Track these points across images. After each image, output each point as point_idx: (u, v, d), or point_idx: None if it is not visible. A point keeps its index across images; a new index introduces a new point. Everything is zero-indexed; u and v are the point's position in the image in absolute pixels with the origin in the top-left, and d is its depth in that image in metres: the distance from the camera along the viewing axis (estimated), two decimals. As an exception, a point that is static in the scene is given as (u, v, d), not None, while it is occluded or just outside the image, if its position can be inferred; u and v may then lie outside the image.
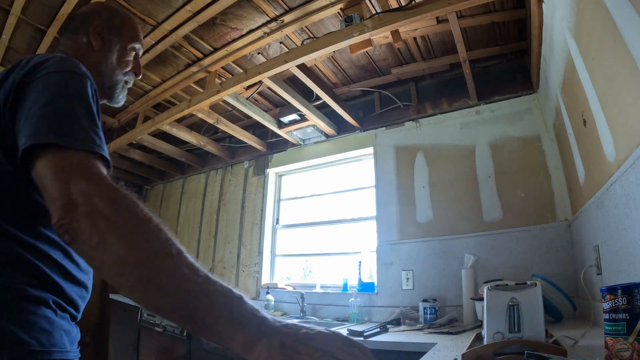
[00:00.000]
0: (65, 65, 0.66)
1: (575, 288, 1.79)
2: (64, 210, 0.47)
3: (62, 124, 0.56)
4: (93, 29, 0.87)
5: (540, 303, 0.91)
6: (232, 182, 3.58)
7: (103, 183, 0.51)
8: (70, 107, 0.59)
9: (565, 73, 1.53)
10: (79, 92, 0.62)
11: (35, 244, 0.62)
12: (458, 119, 2.46)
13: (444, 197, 2.36)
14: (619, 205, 1.10)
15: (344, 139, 2.95)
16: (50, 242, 0.64)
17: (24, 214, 0.62)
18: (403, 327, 1.93)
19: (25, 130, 0.55)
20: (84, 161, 0.53)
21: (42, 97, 0.59)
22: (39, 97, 0.59)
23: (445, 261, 2.22)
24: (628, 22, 0.89)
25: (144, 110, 3.17)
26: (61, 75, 0.63)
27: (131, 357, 2.75)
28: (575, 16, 1.26)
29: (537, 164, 2.12)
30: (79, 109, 0.60)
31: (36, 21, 2.22)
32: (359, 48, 1.97)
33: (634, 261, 1.01)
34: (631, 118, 0.96)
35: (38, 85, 0.61)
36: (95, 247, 0.46)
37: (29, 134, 0.54)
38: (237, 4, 2.04)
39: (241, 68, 2.61)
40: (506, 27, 2.20)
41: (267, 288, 2.78)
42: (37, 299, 0.59)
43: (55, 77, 0.63)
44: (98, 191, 0.49)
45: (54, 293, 0.63)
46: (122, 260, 0.45)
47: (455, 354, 1.08)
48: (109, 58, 0.90)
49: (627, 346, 0.67)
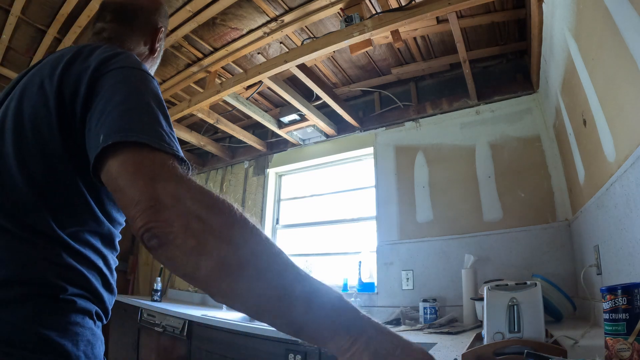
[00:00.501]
0: (137, 63, 0.62)
1: (575, 288, 1.79)
2: (151, 213, 0.42)
3: (144, 123, 0.51)
4: (155, 34, 0.83)
5: (540, 303, 0.91)
6: (232, 182, 3.58)
7: (193, 185, 0.47)
8: (149, 106, 0.55)
9: (565, 73, 1.53)
10: (154, 92, 0.58)
11: (82, 252, 0.59)
12: (458, 119, 2.46)
13: (444, 197, 2.36)
14: (619, 205, 1.10)
15: (344, 139, 2.95)
16: (94, 250, 0.62)
17: (73, 219, 0.59)
18: (403, 327, 1.93)
19: (103, 129, 0.51)
20: (167, 162, 0.48)
21: (118, 93, 0.55)
22: (114, 92, 0.55)
23: (445, 261, 2.22)
24: (628, 22, 0.88)
25: (144, 110, 3.17)
26: (136, 73, 0.59)
27: (131, 357, 2.75)
28: (575, 16, 1.26)
29: (537, 164, 2.12)
30: (157, 110, 0.55)
31: (36, 21, 2.22)
32: (359, 48, 1.97)
33: (634, 261, 1.01)
34: (631, 118, 0.96)
35: (111, 79, 0.57)
36: (190, 252, 0.42)
37: (107, 132, 0.49)
38: (237, 4, 2.04)
39: (241, 68, 2.61)
40: (506, 27, 2.20)
41: (267, 288, 2.77)
42: (84, 311, 0.58)
43: (129, 73, 0.58)
44: (189, 193, 0.45)
45: (96, 303, 0.61)
46: (223, 264, 0.42)
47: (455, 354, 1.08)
48: (155, 65, 0.88)
49: (627, 346, 0.67)
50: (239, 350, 1.98)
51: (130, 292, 4.07)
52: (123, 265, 4.19)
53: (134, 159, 0.48)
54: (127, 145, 0.48)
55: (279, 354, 1.79)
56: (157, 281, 3.09)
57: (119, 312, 3.13)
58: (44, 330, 0.51)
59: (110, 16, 0.79)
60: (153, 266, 4.02)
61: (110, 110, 0.52)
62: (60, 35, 2.30)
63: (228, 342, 2.05)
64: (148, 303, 2.80)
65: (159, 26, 0.85)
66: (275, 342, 1.82)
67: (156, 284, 3.07)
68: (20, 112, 0.60)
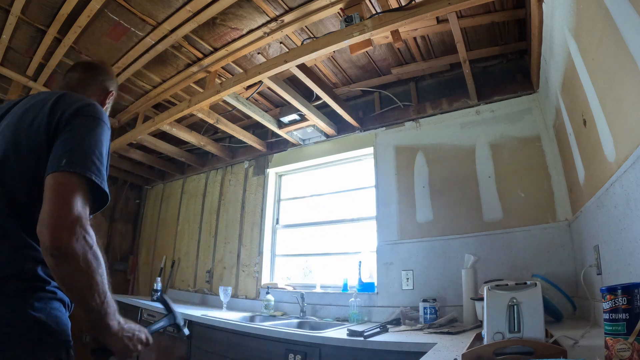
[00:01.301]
0: (101, 114, 0.89)
1: (575, 288, 1.79)
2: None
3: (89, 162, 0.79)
4: (106, 95, 1.15)
5: (540, 303, 0.91)
6: (232, 182, 3.59)
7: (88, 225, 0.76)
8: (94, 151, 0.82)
9: (565, 73, 1.53)
10: (102, 140, 0.85)
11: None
12: (458, 119, 2.46)
13: (444, 197, 2.36)
14: (619, 205, 1.10)
15: (344, 139, 2.95)
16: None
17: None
18: (403, 327, 1.93)
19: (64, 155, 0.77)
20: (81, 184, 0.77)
21: (80, 135, 0.81)
22: (78, 132, 0.82)
23: (445, 261, 2.22)
24: (628, 22, 0.88)
25: (144, 110, 3.17)
26: (98, 122, 0.86)
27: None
28: (575, 16, 1.26)
29: (537, 164, 2.12)
30: (100, 155, 0.82)
31: (36, 21, 2.22)
32: (359, 48, 1.97)
33: (634, 261, 1.01)
34: (631, 118, 0.96)
35: (80, 121, 0.83)
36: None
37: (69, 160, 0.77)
38: (237, 4, 2.04)
39: (241, 68, 2.62)
40: (506, 27, 2.20)
41: (267, 288, 2.78)
42: (61, 300, 0.80)
43: (92, 122, 0.85)
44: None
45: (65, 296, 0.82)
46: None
47: (455, 354, 1.08)
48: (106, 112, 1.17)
49: (627, 346, 0.67)
50: (239, 350, 1.98)
51: (130, 292, 4.07)
52: (123, 266, 4.19)
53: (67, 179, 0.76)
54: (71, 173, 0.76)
55: (279, 354, 1.79)
56: (157, 281, 3.09)
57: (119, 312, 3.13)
58: (35, 314, 0.72)
59: (79, 73, 1.10)
60: (153, 266, 4.03)
61: (73, 145, 0.79)
62: (60, 35, 2.30)
63: (228, 342, 2.05)
64: (148, 303, 2.80)
65: (110, 90, 1.16)
66: (275, 342, 1.82)
67: (156, 284, 3.07)
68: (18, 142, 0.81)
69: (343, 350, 1.61)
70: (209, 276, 3.40)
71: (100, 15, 2.14)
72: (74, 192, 0.73)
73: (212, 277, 3.39)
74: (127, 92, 3.03)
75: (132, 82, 2.86)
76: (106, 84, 1.14)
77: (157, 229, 4.17)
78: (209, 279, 3.39)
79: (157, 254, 4.03)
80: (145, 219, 4.40)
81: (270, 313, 2.61)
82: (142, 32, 2.28)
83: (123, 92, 3.02)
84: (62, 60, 2.55)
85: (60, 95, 0.89)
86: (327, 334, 1.71)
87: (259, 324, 2.14)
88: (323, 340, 1.67)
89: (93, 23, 2.21)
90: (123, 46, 2.43)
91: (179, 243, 3.83)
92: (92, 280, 0.72)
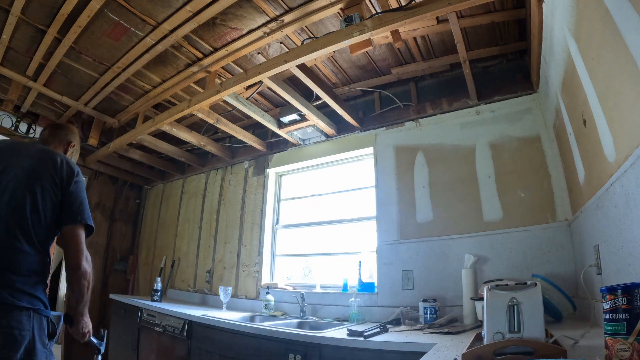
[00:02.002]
0: (79, 172, 1.41)
1: (575, 288, 1.79)
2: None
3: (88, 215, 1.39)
4: (68, 146, 1.59)
5: (540, 303, 0.91)
6: (232, 182, 3.59)
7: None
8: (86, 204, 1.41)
9: (565, 73, 1.53)
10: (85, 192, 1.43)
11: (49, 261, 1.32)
12: (458, 119, 2.46)
13: (443, 197, 2.36)
14: (619, 205, 1.10)
15: (344, 139, 2.95)
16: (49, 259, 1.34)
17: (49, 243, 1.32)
18: (403, 327, 1.93)
19: (79, 212, 1.35)
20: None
21: (80, 196, 1.37)
22: (77, 195, 1.37)
23: (445, 261, 2.22)
24: (628, 22, 0.88)
25: (144, 110, 3.17)
26: (82, 183, 1.42)
27: (131, 357, 2.75)
28: (575, 16, 1.26)
29: (537, 164, 2.12)
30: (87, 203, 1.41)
31: (36, 21, 2.22)
32: (359, 48, 1.97)
33: (634, 261, 1.01)
34: (631, 118, 0.96)
35: (77, 186, 1.37)
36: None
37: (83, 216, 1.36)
38: (237, 4, 2.04)
39: (241, 68, 2.62)
40: (506, 27, 2.20)
41: (267, 288, 2.78)
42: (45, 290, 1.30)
43: (82, 185, 1.41)
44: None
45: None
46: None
47: (455, 354, 1.08)
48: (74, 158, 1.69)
49: (627, 346, 0.67)
50: (239, 350, 1.98)
51: (130, 292, 4.07)
52: (123, 266, 4.19)
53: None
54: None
55: (279, 353, 1.79)
56: (157, 281, 3.09)
57: (119, 312, 3.13)
58: (43, 297, 1.22)
59: (49, 130, 1.56)
60: (153, 266, 4.03)
61: (79, 204, 1.36)
62: (60, 35, 2.31)
63: (228, 342, 2.05)
64: (148, 303, 2.80)
65: (71, 141, 1.59)
66: (275, 342, 1.82)
67: (156, 284, 3.07)
68: (34, 194, 1.26)
69: (343, 350, 1.61)
70: (209, 276, 3.40)
71: (100, 15, 2.14)
72: (83, 236, 1.34)
73: (212, 277, 3.39)
74: (127, 92, 3.03)
75: (132, 82, 2.86)
76: (68, 137, 1.59)
77: (157, 229, 4.17)
78: (209, 279, 3.39)
79: (157, 254, 4.04)
80: (145, 219, 4.40)
81: (270, 313, 2.61)
82: (142, 32, 2.28)
83: (123, 92, 3.02)
84: (62, 60, 2.55)
85: (57, 159, 1.37)
86: (327, 334, 1.71)
87: (259, 324, 2.14)
88: (323, 340, 1.67)
89: (93, 23, 2.21)
90: (123, 46, 2.43)
91: (179, 243, 3.83)
92: (88, 285, 1.34)
